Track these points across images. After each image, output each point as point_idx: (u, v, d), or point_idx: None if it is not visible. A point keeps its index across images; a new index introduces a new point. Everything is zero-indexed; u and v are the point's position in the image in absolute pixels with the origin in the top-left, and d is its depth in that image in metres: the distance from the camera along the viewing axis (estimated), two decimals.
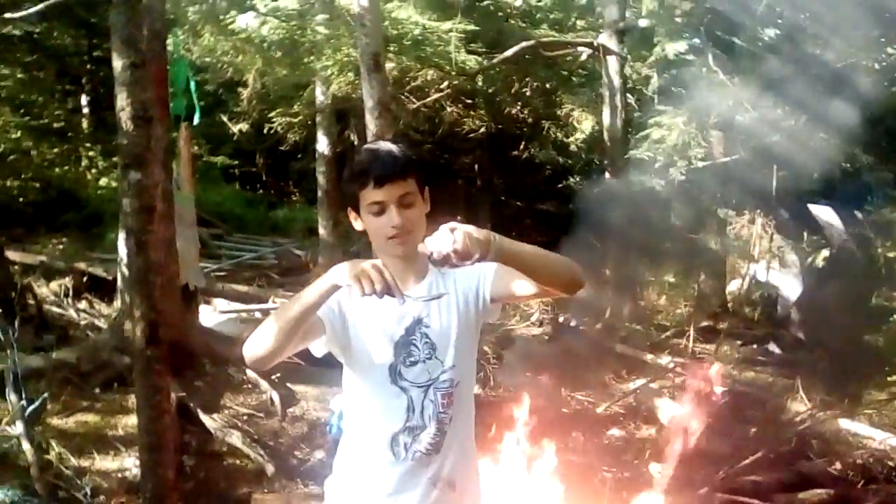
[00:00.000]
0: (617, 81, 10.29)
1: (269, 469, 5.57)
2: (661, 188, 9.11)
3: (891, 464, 6.06)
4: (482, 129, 12.87)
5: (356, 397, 2.24)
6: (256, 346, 2.04)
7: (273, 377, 6.69)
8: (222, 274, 11.32)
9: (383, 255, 2.19)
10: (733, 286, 11.77)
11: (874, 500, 5.49)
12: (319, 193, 11.69)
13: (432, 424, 2.16)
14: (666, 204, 10.11)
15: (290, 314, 2.01)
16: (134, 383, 4.86)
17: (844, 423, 6.90)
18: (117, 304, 7.42)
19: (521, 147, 14.05)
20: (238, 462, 5.73)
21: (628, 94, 11.05)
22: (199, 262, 7.78)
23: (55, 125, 13.52)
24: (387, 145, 2.19)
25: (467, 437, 2.26)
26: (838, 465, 6.07)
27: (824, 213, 10.47)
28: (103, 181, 13.31)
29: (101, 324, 7.70)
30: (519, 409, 5.34)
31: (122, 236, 5.98)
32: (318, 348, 2.19)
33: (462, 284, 2.23)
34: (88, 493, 4.98)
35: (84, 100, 15.81)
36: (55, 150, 13.35)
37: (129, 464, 5.41)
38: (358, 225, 2.21)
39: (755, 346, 10.34)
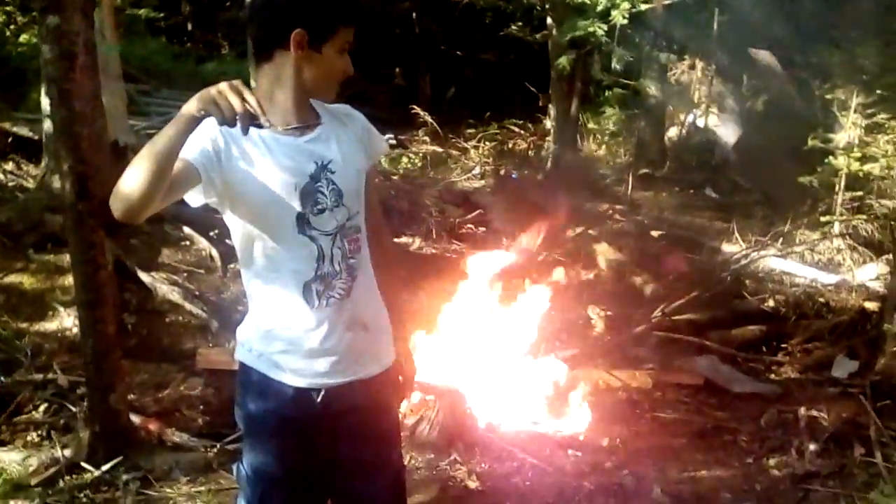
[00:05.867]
0: None
1: (214, 324, 5.57)
2: (603, 32, 8.92)
3: (821, 300, 6.30)
4: None
5: (259, 250, 2.14)
6: (121, 197, 1.83)
7: (211, 234, 6.58)
8: (152, 132, 10.89)
9: (314, 96, 2.16)
10: (672, 132, 11.81)
11: (805, 334, 5.73)
12: (250, 45, 11.22)
13: (343, 271, 2.12)
14: (606, 49, 9.93)
15: (151, 161, 1.82)
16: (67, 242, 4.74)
17: (778, 263, 7.12)
18: (45, 163, 7.15)
19: None
20: (181, 318, 5.70)
21: None
22: (127, 118, 7.49)
23: None
24: None
25: (373, 279, 2.23)
26: (771, 303, 6.30)
27: (764, 57, 10.44)
28: (23, 37, 12.56)
29: (30, 184, 7.43)
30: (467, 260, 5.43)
31: (44, 87, 5.75)
32: (194, 198, 2.05)
33: (358, 132, 2.23)
34: (29, 353, 4.92)
35: None
36: None
37: (68, 324, 5.34)
38: (285, 58, 2.08)
39: (692, 191, 10.51)
